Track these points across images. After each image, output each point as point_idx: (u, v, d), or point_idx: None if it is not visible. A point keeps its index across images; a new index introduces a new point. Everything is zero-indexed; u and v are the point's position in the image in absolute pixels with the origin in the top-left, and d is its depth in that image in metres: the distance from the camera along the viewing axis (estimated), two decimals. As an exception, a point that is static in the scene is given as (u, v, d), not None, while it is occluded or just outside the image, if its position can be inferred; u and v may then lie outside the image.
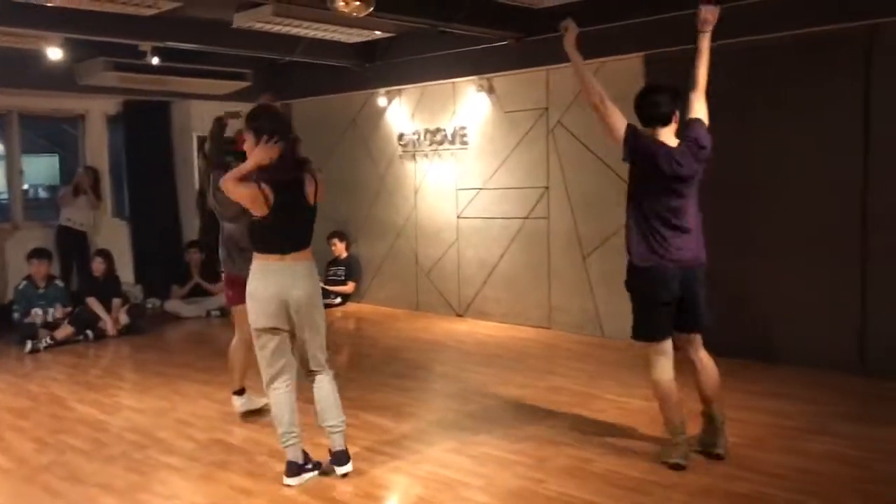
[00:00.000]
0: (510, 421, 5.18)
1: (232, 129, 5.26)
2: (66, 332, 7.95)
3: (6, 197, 10.44)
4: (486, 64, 8.35)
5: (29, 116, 10.09)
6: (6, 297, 8.89)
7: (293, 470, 4.16)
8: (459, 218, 8.98)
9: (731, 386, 5.57)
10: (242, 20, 7.33)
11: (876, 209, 5.97)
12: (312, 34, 8.02)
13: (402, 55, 8.96)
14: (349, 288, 9.83)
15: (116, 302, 8.44)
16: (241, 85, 9.62)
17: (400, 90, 9.46)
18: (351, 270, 9.94)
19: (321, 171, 4.33)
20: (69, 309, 8.26)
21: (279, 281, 4.04)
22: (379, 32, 8.33)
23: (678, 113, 4.30)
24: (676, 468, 4.21)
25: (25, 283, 8.20)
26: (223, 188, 4.09)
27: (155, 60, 8.33)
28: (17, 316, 8.11)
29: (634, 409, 5.37)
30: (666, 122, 4.25)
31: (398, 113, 9.55)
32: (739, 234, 6.55)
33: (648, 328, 4.30)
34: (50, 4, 6.50)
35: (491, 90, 8.50)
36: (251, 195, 4.00)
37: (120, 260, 9.24)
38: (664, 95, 4.29)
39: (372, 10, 5.56)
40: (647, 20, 6.80)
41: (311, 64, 9.21)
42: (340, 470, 4.22)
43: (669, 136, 4.23)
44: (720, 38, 6.49)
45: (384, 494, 4.13)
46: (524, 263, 8.37)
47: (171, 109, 10.50)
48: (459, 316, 9.04)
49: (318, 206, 4.22)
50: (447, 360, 7.15)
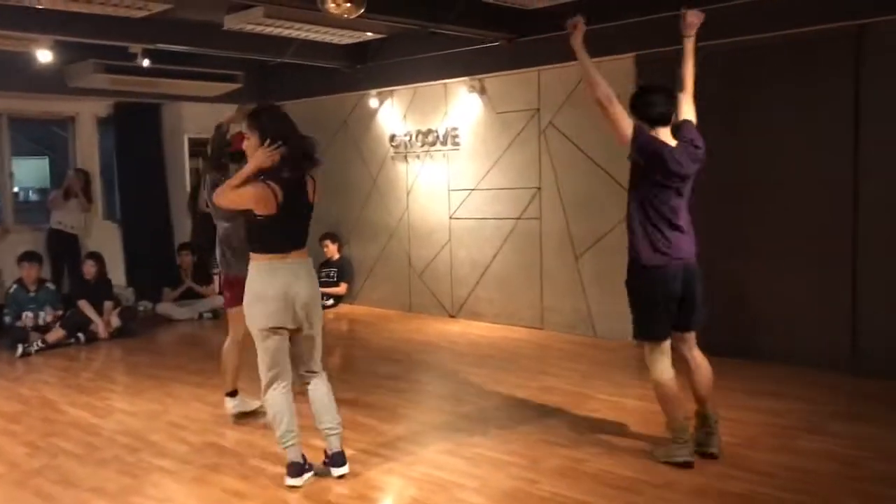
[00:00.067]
0: (504, 421, 5.19)
1: (230, 130, 5.26)
2: (57, 335, 7.92)
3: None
4: (477, 65, 8.35)
5: (18, 119, 10.04)
6: (-3, 300, 8.86)
7: (296, 470, 4.15)
8: (452, 219, 8.98)
9: (724, 385, 5.59)
10: (233, 22, 7.33)
11: (867, 209, 5.99)
12: (303, 36, 8.01)
13: (393, 56, 8.96)
14: (342, 289, 9.82)
15: (108, 305, 8.41)
16: (232, 87, 9.60)
17: (391, 91, 9.46)
18: (343, 272, 9.92)
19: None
20: (60, 312, 8.23)
21: (284, 280, 4.02)
22: (370, 34, 8.34)
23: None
24: (686, 466, 4.22)
25: (16, 286, 8.16)
26: (217, 204, 4.07)
27: (145, 62, 8.31)
28: (7, 319, 8.07)
29: (627, 408, 5.38)
30: (667, 122, 4.27)
31: (390, 114, 9.55)
32: (731, 234, 6.57)
33: (653, 328, 4.31)
34: (39, 7, 6.48)
35: (482, 91, 8.51)
36: (259, 194, 3.96)
37: (111, 263, 9.21)
38: (664, 95, 4.30)
39: (363, 11, 5.55)
40: (638, 20, 6.81)
41: (302, 65, 9.20)
42: (337, 472, 4.21)
43: (668, 136, 4.25)
44: (712, 38, 6.52)
45: (378, 496, 4.12)
46: (517, 264, 8.37)
47: (161, 111, 10.47)
48: (452, 317, 9.03)
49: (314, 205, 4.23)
50: (440, 360, 7.14)
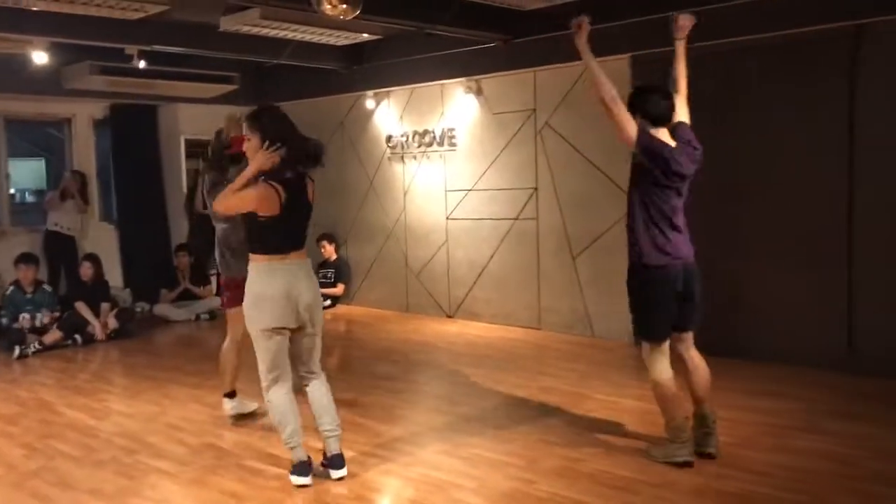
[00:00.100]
0: (501, 422, 5.19)
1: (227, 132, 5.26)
2: (54, 336, 7.92)
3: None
4: (473, 66, 8.36)
5: (15, 120, 10.04)
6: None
7: (304, 469, 4.15)
8: (449, 219, 8.98)
9: (721, 385, 5.60)
10: (229, 23, 7.32)
11: (862, 209, 6.00)
12: (300, 37, 8.01)
13: (389, 57, 8.96)
14: (339, 290, 9.82)
15: (105, 306, 8.40)
16: (228, 88, 9.61)
17: (388, 92, 9.47)
18: (340, 273, 9.93)
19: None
20: (57, 314, 8.22)
21: (286, 280, 4.02)
22: (366, 35, 8.34)
23: None
24: (686, 466, 4.23)
25: (13, 288, 8.16)
26: (219, 204, 4.07)
27: (142, 64, 8.30)
28: (4, 321, 8.07)
29: (625, 408, 5.39)
30: (667, 122, 4.28)
31: (386, 115, 9.55)
32: (728, 234, 6.58)
33: (655, 328, 4.31)
34: (35, 9, 6.47)
35: (479, 92, 8.51)
36: (263, 195, 3.95)
37: (108, 264, 9.20)
38: (663, 96, 4.32)
39: (359, 12, 5.55)
40: (634, 21, 6.82)
41: (298, 67, 9.20)
42: (336, 474, 4.21)
43: (667, 136, 4.26)
44: (707, 38, 6.55)
45: (376, 497, 4.13)
46: (514, 264, 8.38)
47: (158, 113, 10.47)
48: (449, 317, 9.04)
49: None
50: (438, 361, 7.15)
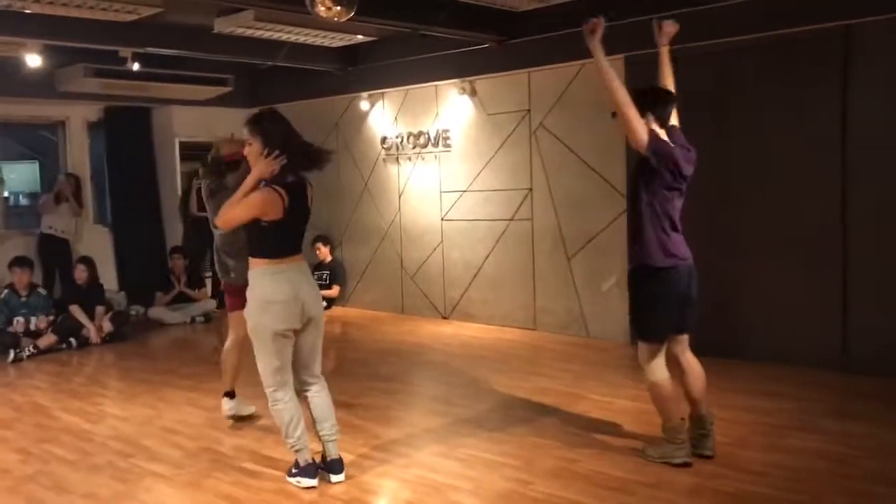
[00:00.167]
0: (497, 423, 5.19)
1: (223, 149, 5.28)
2: (49, 340, 7.90)
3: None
4: (468, 66, 8.36)
5: (8, 123, 10.01)
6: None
7: (312, 471, 4.16)
8: (444, 220, 8.98)
9: (716, 385, 5.61)
10: (223, 25, 7.32)
11: (856, 208, 6.02)
12: (294, 39, 8.02)
13: (384, 58, 8.96)
14: (334, 292, 9.81)
15: (100, 309, 8.38)
16: (222, 90, 9.60)
17: (382, 93, 9.47)
18: (335, 274, 9.92)
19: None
20: (52, 317, 8.21)
21: (290, 282, 4.02)
22: (360, 36, 8.34)
23: None
24: (685, 466, 4.23)
25: (7, 291, 8.13)
26: (222, 220, 4.05)
27: (136, 66, 8.29)
28: (-1, 325, 8.06)
29: (620, 408, 5.40)
30: (667, 123, 4.29)
31: (381, 116, 9.55)
32: (722, 234, 6.59)
33: (657, 329, 4.30)
34: (28, 11, 6.46)
35: (473, 93, 8.52)
36: (267, 200, 3.94)
37: (103, 267, 9.17)
38: (669, 97, 4.33)
39: (353, 14, 5.55)
40: (628, 22, 6.82)
41: (292, 68, 9.20)
42: (336, 478, 4.22)
43: (666, 137, 4.27)
44: (700, 39, 6.58)
45: (373, 499, 4.12)
46: (509, 265, 8.38)
47: (152, 115, 10.46)
48: (445, 318, 9.04)
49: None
50: (433, 362, 7.15)
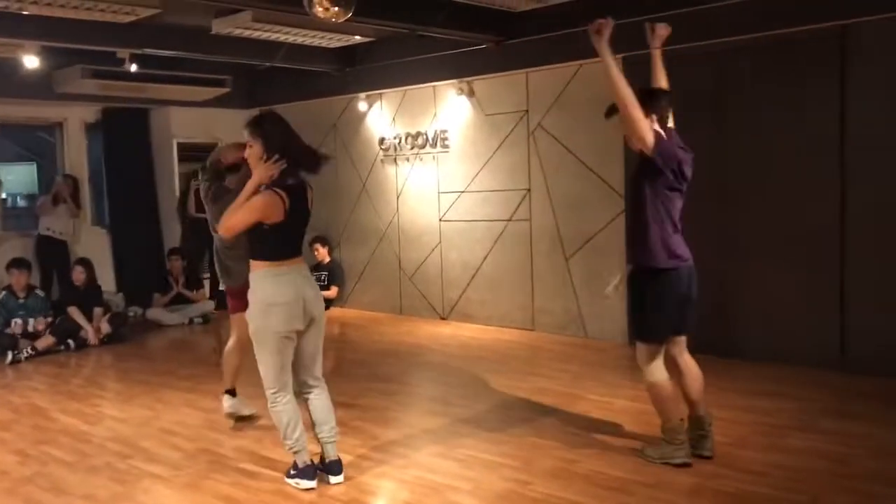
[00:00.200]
0: (495, 423, 5.19)
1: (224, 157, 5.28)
2: (47, 342, 7.89)
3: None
4: (466, 67, 8.36)
5: (6, 125, 10.01)
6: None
7: (311, 472, 4.17)
8: (442, 221, 8.98)
9: (715, 385, 5.61)
10: (221, 26, 7.31)
11: (854, 208, 6.02)
12: (292, 39, 8.01)
13: (382, 59, 8.96)
14: (332, 293, 9.80)
15: (98, 311, 8.38)
16: (220, 91, 9.59)
17: (380, 94, 9.46)
18: (333, 275, 9.92)
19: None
20: (50, 319, 8.20)
21: (293, 284, 4.02)
22: (358, 37, 8.34)
23: None
24: (685, 466, 4.23)
25: (5, 293, 8.12)
26: (224, 228, 4.04)
27: (133, 67, 8.28)
28: (-3, 327, 8.05)
29: (619, 408, 5.40)
30: (666, 124, 4.30)
31: (379, 117, 9.55)
32: (719, 234, 6.59)
33: (659, 329, 4.30)
34: (26, 12, 6.45)
35: (471, 93, 8.52)
36: (269, 202, 3.94)
37: (100, 268, 9.17)
38: (669, 98, 4.33)
39: (350, 15, 5.55)
40: (626, 22, 6.82)
41: (290, 69, 9.19)
42: (335, 479, 4.22)
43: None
44: (698, 39, 6.58)
45: (372, 500, 4.12)
46: (507, 265, 8.38)
47: (150, 116, 10.45)
48: (443, 319, 9.04)
49: None
50: (432, 363, 7.15)
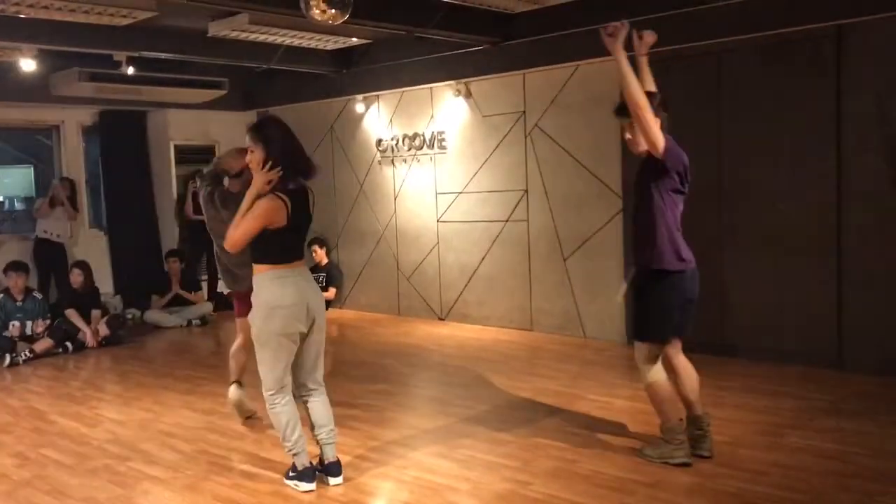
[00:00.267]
0: (495, 423, 5.19)
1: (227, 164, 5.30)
2: (45, 344, 7.88)
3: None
4: (462, 68, 8.37)
5: (3, 128, 9.99)
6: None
7: (311, 474, 4.17)
8: (440, 222, 8.99)
9: (713, 384, 5.64)
10: (218, 29, 7.32)
11: (851, 207, 6.03)
12: (289, 42, 8.02)
13: (379, 61, 8.97)
14: (330, 294, 9.80)
15: (96, 313, 8.37)
16: (217, 93, 9.59)
17: (377, 96, 9.47)
18: (332, 277, 9.92)
19: None
20: (48, 321, 8.19)
21: (297, 286, 4.04)
22: (355, 39, 8.35)
23: None
24: (684, 466, 4.24)
25: (3, 296, 8.10)
26: (230, 244, 4.03)
27: (130, 70, 8.29)
28: (-6, 330, 8.04)
29: (618, 408, 5.40)
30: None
31: (376, 119, 9.55)
32: (716, 234, 6.61)
33: (664, 330, 4.31)
34: (23, 16, 6.45)
35: (468, 94, 8.52)
36: (272, 207, 3.94)
37: (98, 271, 9.16)
38: (663, 102, 4.34)
39: (347, 17, 5.56)
40: (628, 22, 6.84)
41: (287, 71, 9.20)
42: (334, 481, 4.22)
43: None
44: (694, 40, 6.60)
45: (371, 500, 4.12)
46: (505, 266, 8.39)
47: (147, 119, 10.44)
48: (441, 320, 9.04)
49: None
50: (430, 364, 7.15)
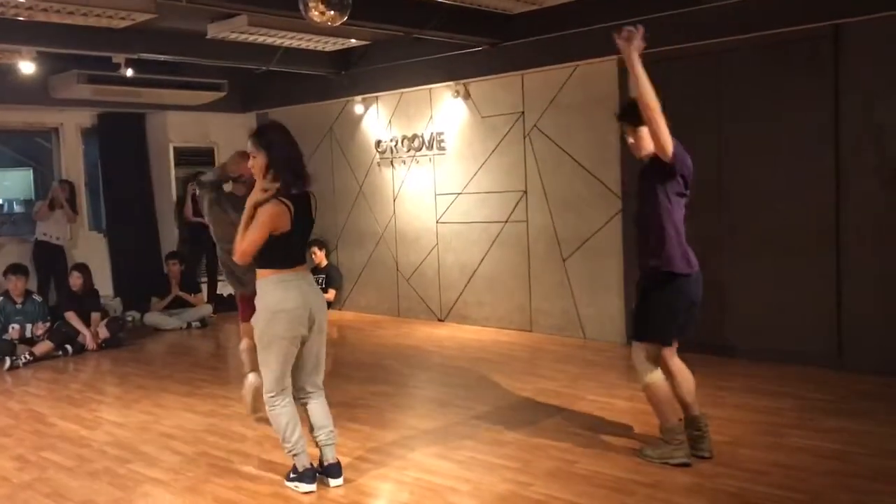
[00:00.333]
0: (495, 424, 5.19)
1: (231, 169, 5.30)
2: (45, 347, 7.88)
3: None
4: (461, 69, 8.37)
5: (2, 131, 9.99)
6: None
7: (311, 476, 4.17)
8: (439, 223, 8.99)
9: (713, 384, 5.65)
10: (217, 30, 7.33)
11: (851, 207, 6.04)
12: (288, 43, 8.02)
13: (377, 62, 8.97)
14: (330, 296, 9.80)
15: (95, 316, 8.36)
16: (217, 95, 9.60)
17: (376, 97, 9.48)
18: (331, 278, 9.93)
19: None
20: (48, 324, 8.19)
21: (300, 290, 4.05)
22: (354, 40, 8.35)
23: None
24: (684, 466, 4.24)
25: (2, 298, 8.09)
26: (239, 255, 4.03)
27: (129, 72, 8.29)
28: (-6, 333, 8.04)
29: (618, 409, 5.40)
30: None
31: (375, 120, 9.56)
32: (716, 234, 6.61)
33: (668, 333, 4.32)
34: (21, 18, 6.46)
35: (467, 95, 8.53)
36: (276, 212, 3.95)
37: (98, 273, 9.17)
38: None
39: (346, 18, 5.56)
40: (622, 23, 6.83)
41: (287, 73, 9.20)
42: (335, 482, 4.22)
43: None
44: (692, 40, 6.60)
45: (371, 502, 4.12)
46: (504, 267, 8.39)
47: (146, 121, 10.45)
48: (441, 321, 9.04)
49: None
50: (430, 365, 7.15)
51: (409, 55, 8.53)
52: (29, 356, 7.69)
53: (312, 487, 4.15)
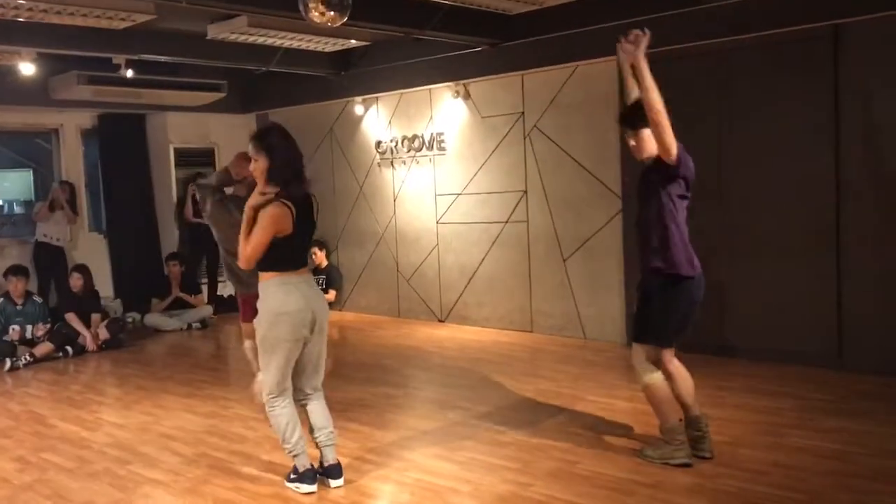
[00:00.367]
0: (495, 425, 5.19)
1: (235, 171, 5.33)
2: (45, 348, 7.88)
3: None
4: (461, 70, 8.37)
5: (2, 132, 9.99)
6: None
7: (312, 476, 4.18)
8: (439, 223, 8.99)
9: (713, 384, 5.65)
10: (217, 31, 7.33)
11: (850, 206, 6.04)
12: (288, 44, 8.02)
13: (378, 63, 8.97)
14: (330, 297, 9.80)
15: (96, 317, 8.37)
16: (217, 96, 9.61)
17: (376, 98, 9.48)
18: (331, 279, 9.93)
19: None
20: (48, 326, 8.19)
21: (302, 292, 4.05)
22: (354, 41, 8.35)
23: None
24: (685, 467, 4.24)
25: (3, 300, 8.09)
26: (244, 261, 4.04)
27: (129, 73, 8.30)
28: (-6, 334, 8.04)
29: (618, 409, 5.40)
30: None
31: (375, 120, 9.56)
32: (716, 233, 6.59)
33: (669, 335, 4.32)
34: (21, 19, 6.46)
35: (467, 96, 8.53)
36: (279, 215, 3.95)
37: (98, 274, 9.17)
38: None
39: (346, 19, 5.56)
40: (621, 23, 6.84)
41: (287, 74, 9.20)
42: (335, 483, 4.23)
43: None
44: (694, 39, 6.60)
45: (372, 503, 4.12)
46: (505, 267, 8.39)
47: (146, 122, 10.46)
48: (441, 321, 9.05)
49: None
50: (430, 365, 7.15)
51: (409, 56, 8.53)
52: (29, 357, 7.69)
53: (313, 488, 4.16)
